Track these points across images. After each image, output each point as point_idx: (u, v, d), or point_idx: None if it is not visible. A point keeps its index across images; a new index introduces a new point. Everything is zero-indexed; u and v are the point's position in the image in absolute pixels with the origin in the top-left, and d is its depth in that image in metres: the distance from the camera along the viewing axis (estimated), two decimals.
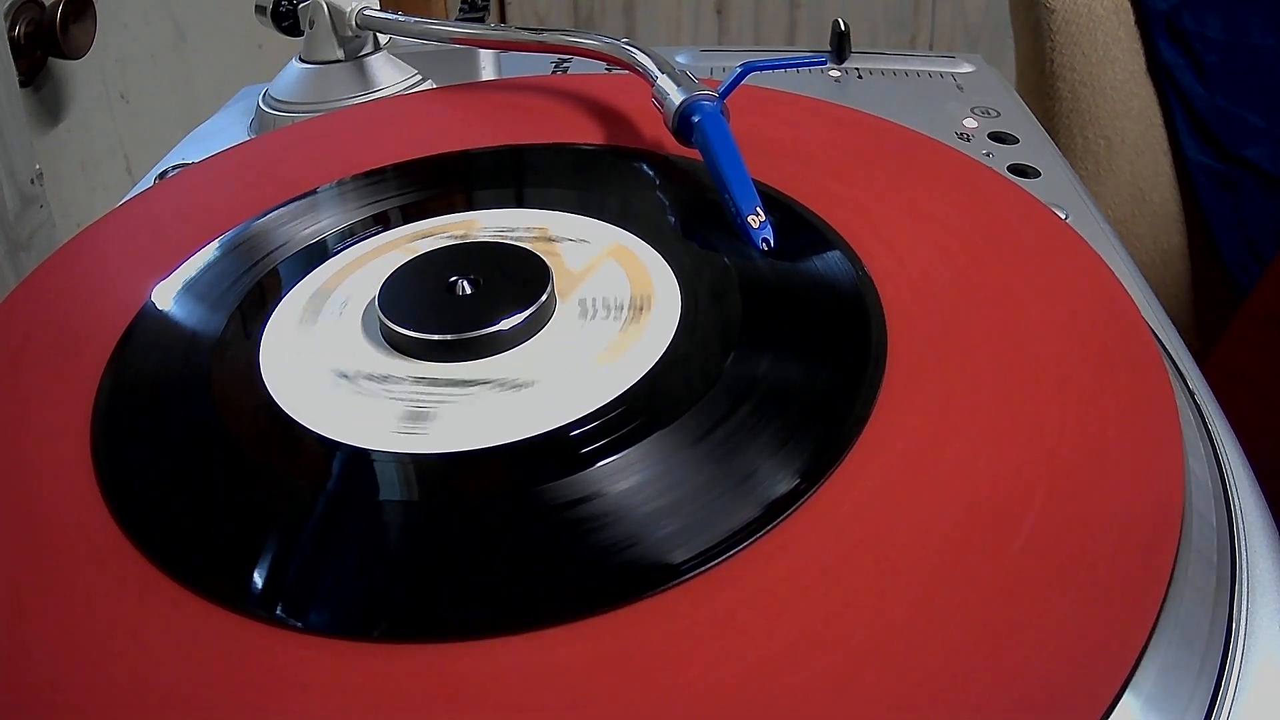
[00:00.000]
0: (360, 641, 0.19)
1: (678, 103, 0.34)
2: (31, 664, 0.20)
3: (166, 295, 0.30)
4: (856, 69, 0.51)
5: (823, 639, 0.19)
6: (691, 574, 0.20)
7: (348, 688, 0.19)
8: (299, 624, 0.20)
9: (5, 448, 0.25)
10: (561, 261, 0.29)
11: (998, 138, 0.44)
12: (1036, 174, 0.41)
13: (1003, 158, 0.42)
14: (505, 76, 0.49)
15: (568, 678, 0.18)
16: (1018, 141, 0.43)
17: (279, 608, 0.20)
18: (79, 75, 0.68)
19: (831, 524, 0.21)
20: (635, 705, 0.18)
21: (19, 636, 0.20)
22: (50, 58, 0.63)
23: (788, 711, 0.18)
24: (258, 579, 0.21)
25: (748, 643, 0.19)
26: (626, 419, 0.24)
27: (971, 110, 0.46)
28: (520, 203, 0.33)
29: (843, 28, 0.49)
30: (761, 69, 0.35)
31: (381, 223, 0.33)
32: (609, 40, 0.39)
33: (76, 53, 0.63)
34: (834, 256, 0.29)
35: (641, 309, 0.27)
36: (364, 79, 0.45)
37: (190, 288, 0.30)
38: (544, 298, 0.27)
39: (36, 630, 0.20)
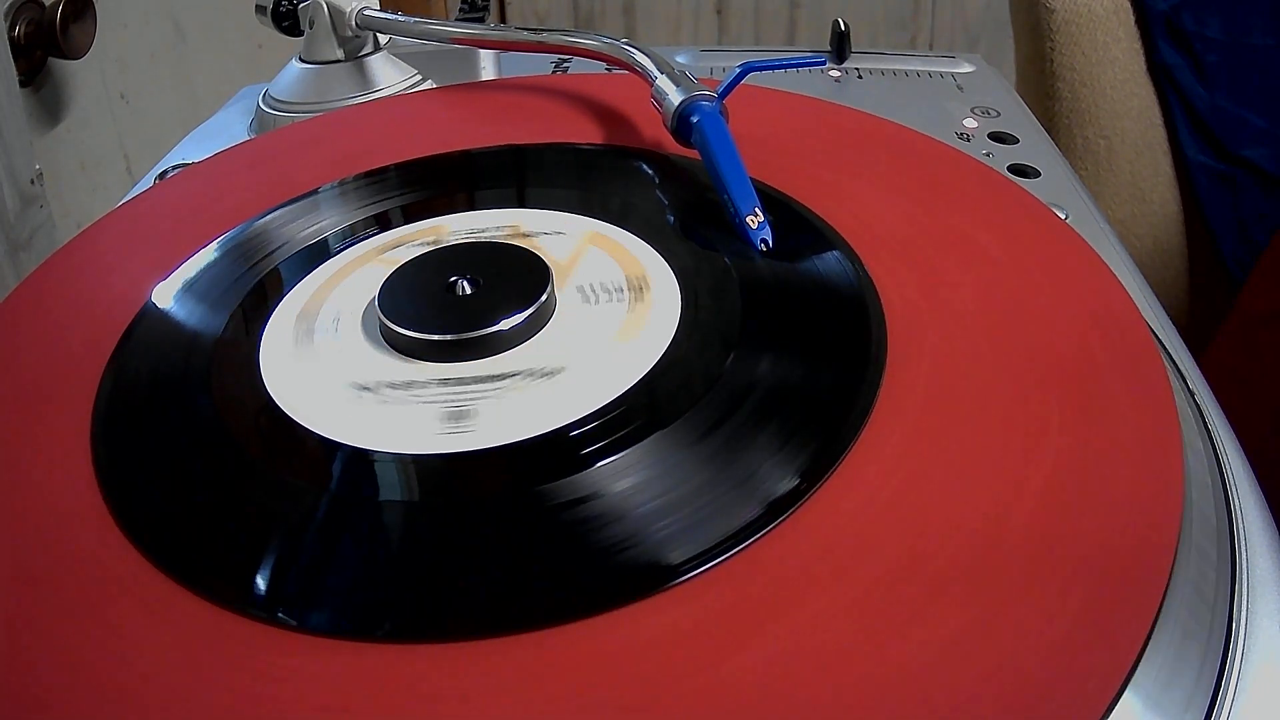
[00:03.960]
0: (361, 642, 0.19)
1: (676, 103, 0.34)
2: (32, 665, 0.20)
3: (167, 295, 0.30)
4: (856, 69, 0.51)
5: (822, 638, 0.19)
6: (691, 574, 0.20)
7: (350, 688, 0.19)
8: (300, 625, 0.20)
9: (5, 448, 0.25)
10: (545, 253, 0.29)
11: (998, 138, 0.44)
12: (1036, 174, 0.41)
13: (1003, 158, 0.42)
14: (505, 76, 0.49)
15: (568, 677, 0.18)
16: (1018, 141, 0.43)
17: (280, 609, 0.20)
18: (79, 75, 0.68)
19: (831, 524, 0.21)
20: (636, 705, 0.18)
21: (19, 637, 0.20)
22: (50, 58, 0.63)
23: (788, 710, 0.18)
24: (259, 580, 0.21)
25: (747, 643, 0.19)
26: (626, 419, 0.24)
27: (971, 110, 0.46)
28: (522, 203, 0.34)
29: (843, 28, 0.49)
30: (761, 69, 0.35)
31: (382, 223, 0.33)
32: (608, 40, 0.39)
33: (76, 53, 0.63)
34: (833, 256, 0.29)
35: (641, 288, 0.28)
36: (364, 79, 0.45)
37: (190, 288, 0.30)
38: (548, 290, 0.27)
39: (37, 631, 0.20)
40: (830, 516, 0.21)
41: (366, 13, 0.44)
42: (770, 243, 0.29)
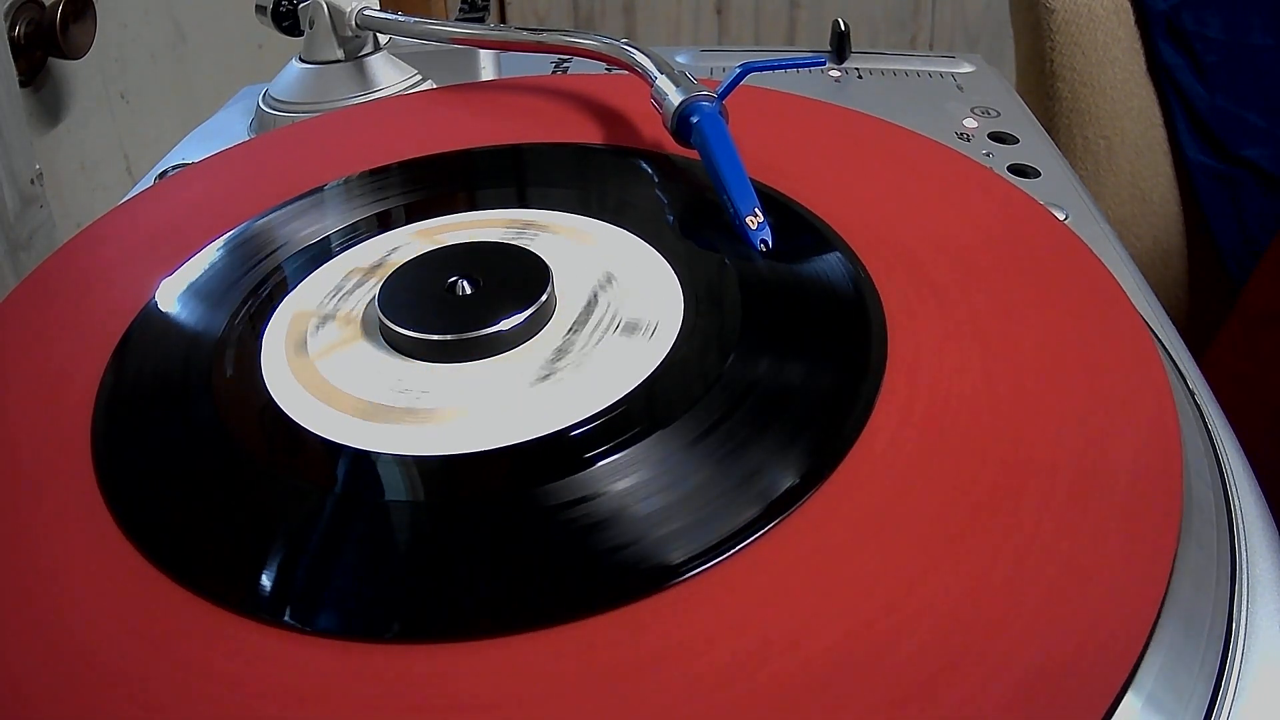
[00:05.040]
0: (361, 642, 0.19)
1: (676, 103, 0.34)
2: (32, 665, 0.20)
3: (167, 295, 0.30)
4: (856, 69, 0.51)
5: (823, 638, 0.19)
6: (691, 574, 0.20)
7: (351, 689, 0.19)
8: (303, 626, 0.20)
9: (6, 448, 0.25)
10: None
11: (998, 138, 0.44)
12: (1036, 174, 0.41)
13: (1003, 158, 0.42)
14: (505, 76, 0.49)
15: (568, 677, 0.18)
16: (1018, 141, 0.43)
17: (281, 611, 0.20)
18: (79, 75, 0.68)
19: (831, 524, 0.21)
20: (636, 705, 0.18)
21: (19, 638, 0.20)
22: (50, 58, 0.63)
23: (788, 709, 0.18)
24: (261, 582, 0.21)
25: (747, 643, 0.19)
26: (627, 419, 0.24)
27: (971, 110, 0.46)
28: (522, 202, 0.34)
29: (843, 28, 0.49)
30: (761, 69, 0.35)
31: (383, 223, 0.33)
32: (608, 40, 0.39)
33: (76, 53, 0.63)
34: (833, 257, 0.29)
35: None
36: (364, 79, 0.45)
37: (191, 287, 0.30)
38: (548, 291, 0.27)
39: (37, 632, 0.20)
40: (830, 517, 0.21)
41: (366, 13, 0.44)
42: (770, 243, 0.29)
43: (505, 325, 0.26)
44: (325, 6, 0.44)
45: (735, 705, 0.18)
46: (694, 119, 0.33)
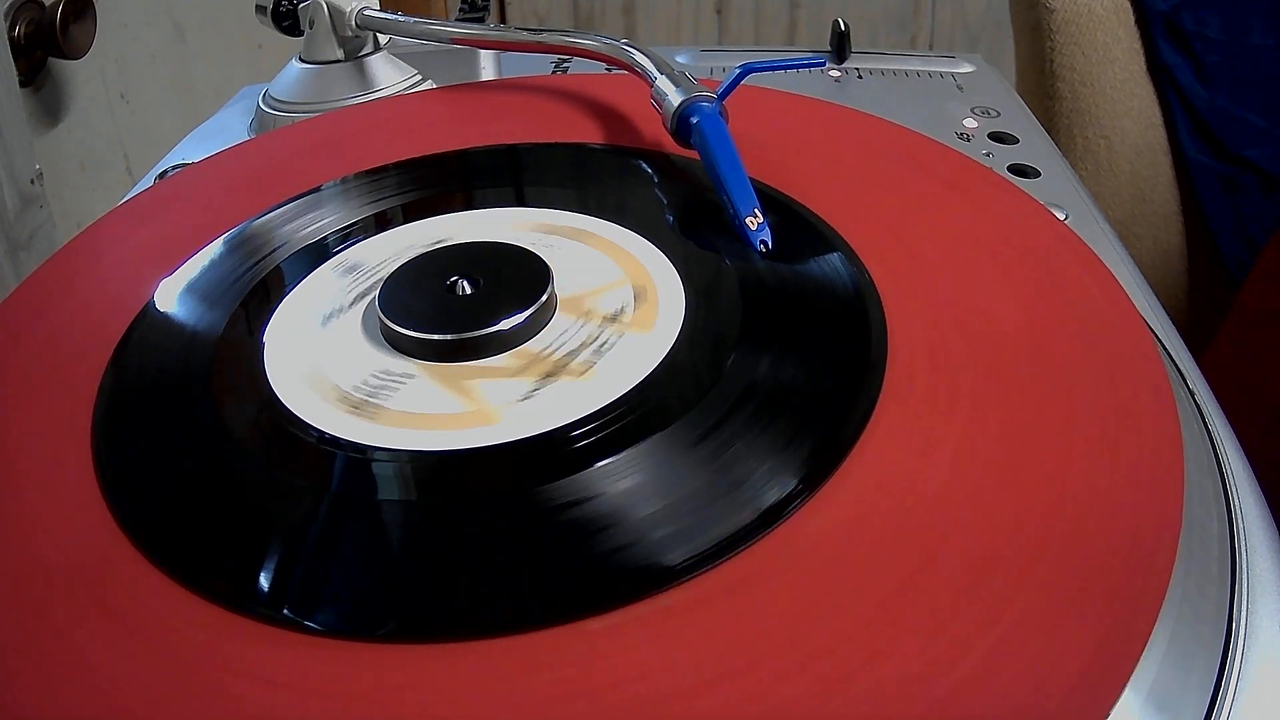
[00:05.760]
0: (360, 642, 0.19)
1: (676, 104, 0.33)
2: (32, 664, 0.20)
3: (167, 295, 0.30)
4: (856, 69, 0.51)
5: (822, 640, 0.19)
6: (689, 576, 0.20)
7: (349, 688, 0.19)
8: (300, 625, 0.20)
9: (6, 448, 0.25)
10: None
11: (998, 138, 0.44)
12: (1036, 174, 0.41)
13: (1003, 158, 0.42)
14: (505, 76, 0.49)
15: (567, 677, 0.18)
16: (1018, 141, 0.43)
17: (280, 608, 0.20)
18: (79, 75, 0.67)
19: (830, 527, 0.21)
20: (634, 705, 0.18)
21: (19, 637, 0.20)
22: (50, 58, 0.63)
23: (786, 713, 0.18)
24: (259, 580, 0.21)
25: (746, 644, 0.19)
26: (626, 420, 0.24)
27: (971, 110, 0.46)
28: (520, 201, 0.34)
29: (843, 28, 0.49)
30: (761, 70, 0.35)
31: (382, 223, 0.33)
32: (608, 40, 0.39)
33: (76, 53, 0.63)
34: (834, 258, 0.29)
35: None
36: (364, 79, 0.45)
37: (191, 287, 0.30)
38: (548, 291, 0.27)
39: (37, 632, 0.20)
40: (829, 520, 0.21)
41: (366, 13, 0.44)
42: (770, 244, 0.29)
43: (505, 325, 0.26)
44: (325, 6, 0.44)
45: (735, 706, 0.18)
46: (694, 119, 0.33)
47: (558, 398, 0.25)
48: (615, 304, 0.28)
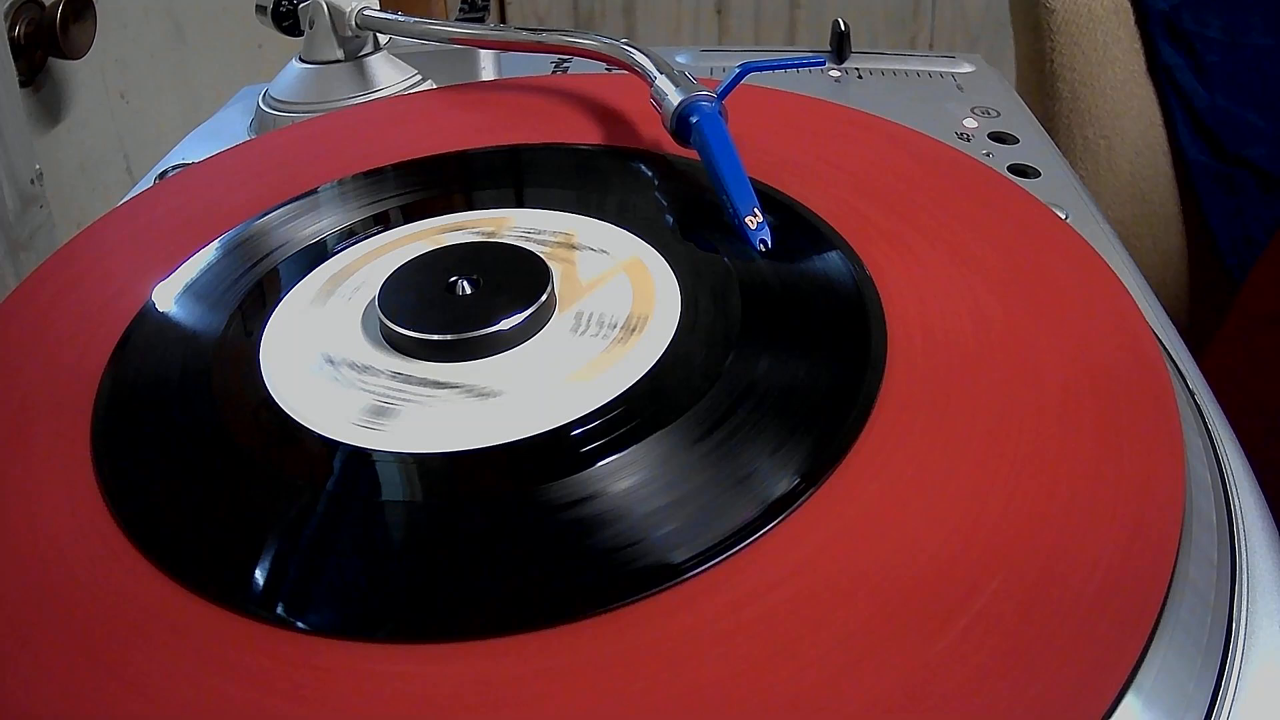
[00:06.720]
0: (359, 642, 0.19)
1: (676, 103, 0.33)
2: (31, 665, 0.20)
3: (167, 295, 0.30)
4: (856, 69, 0.51)
5: (823, 639, 0.19)
6: (691, 574, 0.20)
7: (347, 689, 0.19)
8: (299, 624, 0.20)
9: (5, 448, 0.25)
10: (574, 270, 0.29)
11: (998, 138, 0.44)
12: (1036, 174, 0.41)
13: (1003, 158, 0.42)
14: (505, 76, 0.49)
15: (568, 677, 0.18)
16: (1018, 141, 0.43)
17: (279, 608, 0.20)
18: (79, 75, 0.67)
19: (831, 524, 0.21)
20: (634, 705, 0.18)
21: (19, 638, 0.20)
22: (50, 58, 0.63)
23: (787, 710, 0.18)
24: (258, 580, 0.21)
25: (747, 643, 0.19)
26: (626, 419, 0.24)
27: (971, 110, 0.46)
28: (519, 201, 0.34)
29: (843, 28, 0.49)
30: (761, 69, 0.35)
31: (382, 222, 0.33)
32: (608, 40, 0.39)
33: (76, 53, 0.63)
34: (834, 258, 0.29)
35: (634, 330, 0.27)
36: (364, 79, 0.45)
37: (190, 288, 0.30)
38: (547, 291, 0.27)
39: (36, 632, 0.20)
40: (830, 517, 0.21)
41: (366, 13, 0.44)
42: (769, 243, 0.29)
43: (505, 325, 0.26)
44: (325, 6, 0.44)
45: (735, 705, 0.18)
46: (693, 119, 0.33)
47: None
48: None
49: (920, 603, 0.19)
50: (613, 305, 0.28)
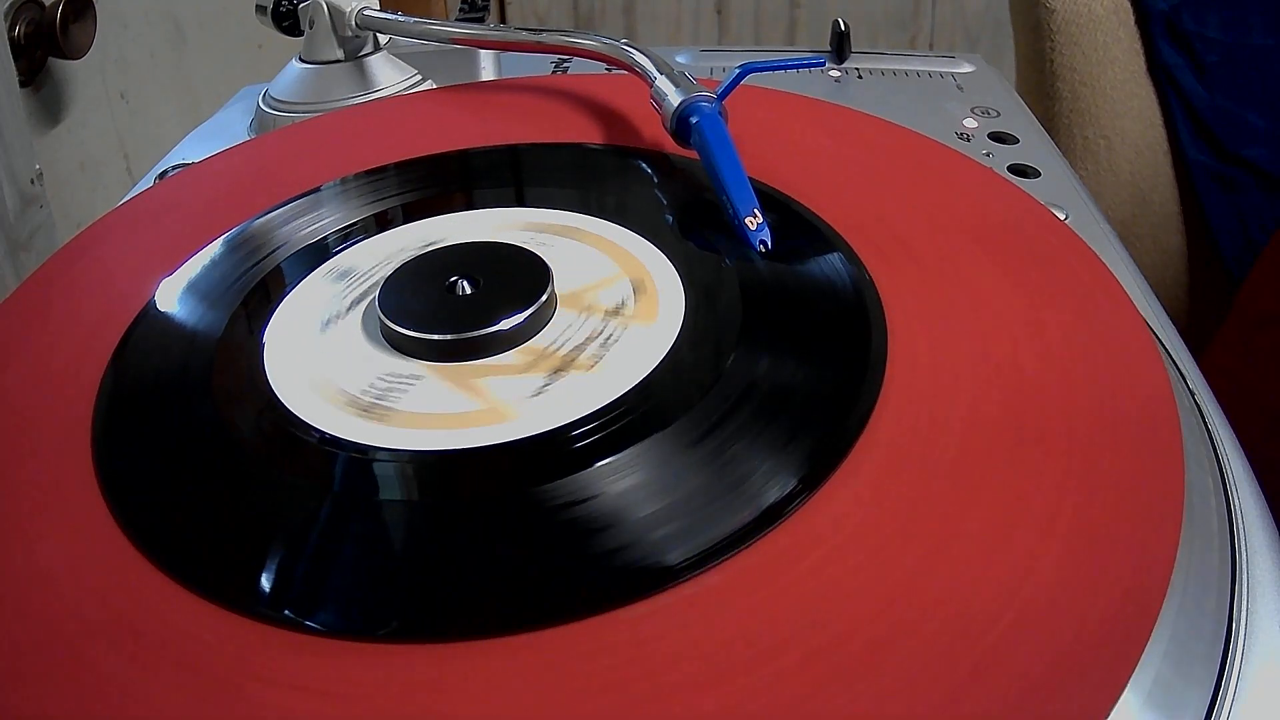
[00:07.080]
0: (360, 642, 0.19)
1: (676, 104, 0.33)
2: (31, 666, 0.20)
3: (167, 295, 0.30)
4: (856, 69, 0.51)
5: (821, 641, 0.19)
6: (689, 575, 0.20)
7: (347, 688, 0.19)
8: (300, 625, 0.20)
9: (5, 448, 0.25)
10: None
11: (998, 138, 0.44)
12: (1036, 174, 0.41)
13: (1003, 158, 0.42)
14: (505, 76, 0.49)
15: (567, 677, 0.18)
16: (1018, 141, 0.43)
17: (280, 608, 0.20)
18: (79, 75, 0.68)
19: (830, 527, 0.21)
20: (634, 705, 0.18)
21: (19, 638, 0.20)
22: (50, 58, 0.63)
23: (785, 712, 0.18)
24: (260, 580, 0.21)
25: (746, 644, 0.19)
26: (626, 420, 0.24)
27: (971, 110, 0.46)
28: (519, 201, 0.34)
29: (843, 28, 0.49)
30: (761, 70, 0.35)
31: (382, 222, 0.33)
32: (607, 41, 0.39)
33: (76, 53, 0.63)
34: (834, 258, 0.29)
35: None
36: (364, 79, 0.45)
37: (191, 287, 0.30)
38: (547, 291, 0.27)
39: (36, 632, 0.20)
40: (829, 520, 0.21)
41: (366, 13, 0.44)
42: (769, 244, 0.29)
43: (505, 325, 0.26)
44: (325, 6, 0.44)
45: (734, 705, 0.18)
46: (693, 119, 0.33)
47: (571, 392, 0.25)
48: (616, 299, 0.28)
49: (917, 605, 0.19)
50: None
